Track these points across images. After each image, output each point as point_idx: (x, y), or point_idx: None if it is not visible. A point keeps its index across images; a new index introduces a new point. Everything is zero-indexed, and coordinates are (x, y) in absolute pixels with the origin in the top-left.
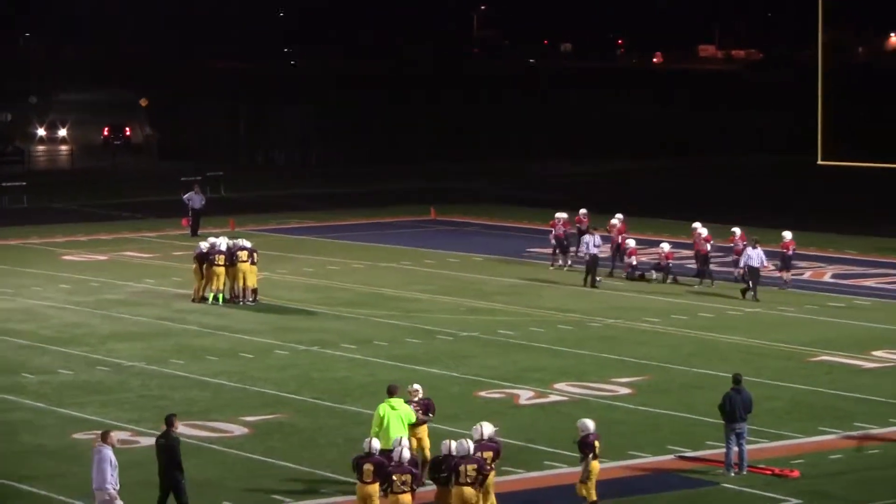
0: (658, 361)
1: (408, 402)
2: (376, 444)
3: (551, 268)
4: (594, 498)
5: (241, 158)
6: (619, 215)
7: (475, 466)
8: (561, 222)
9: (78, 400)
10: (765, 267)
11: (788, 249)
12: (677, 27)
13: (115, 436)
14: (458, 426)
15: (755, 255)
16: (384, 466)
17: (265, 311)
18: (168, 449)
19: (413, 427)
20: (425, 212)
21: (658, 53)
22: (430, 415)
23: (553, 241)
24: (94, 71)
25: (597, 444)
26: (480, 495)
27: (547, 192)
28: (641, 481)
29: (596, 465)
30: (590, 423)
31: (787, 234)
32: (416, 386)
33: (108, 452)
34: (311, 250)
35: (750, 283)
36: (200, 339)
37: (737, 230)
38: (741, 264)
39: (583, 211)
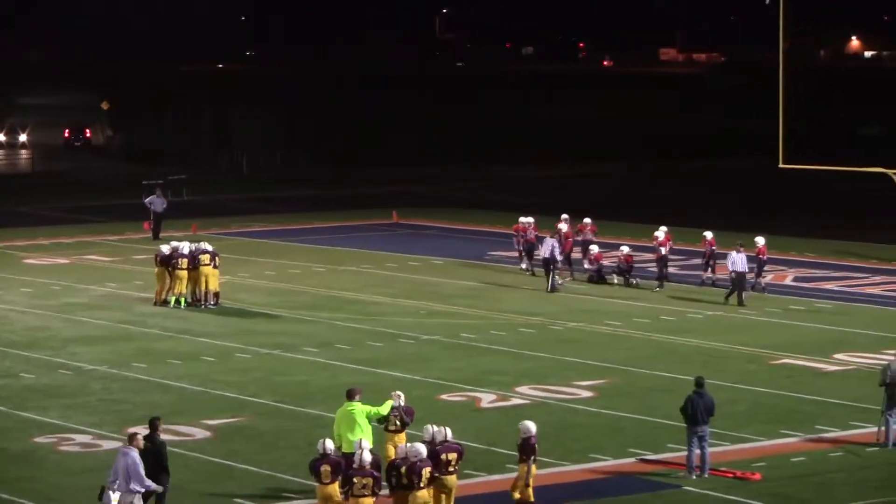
0: (620, 364)
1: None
2: (330, 445)
3: (528, 273)
4: (532, 499)
5: (204, 162)
6: (588, 219)
7: (429, 468)
8: (531, 227)
9: (40, 403)
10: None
11: (763, 255)
12: (639, 30)
13: (142, 439)
14: (421, 429)
15: (739, 260)
16: (341, 466)
17: (227, 314)
18: (154, 453)
19: (392, 433)
20: (387, 215)
21: (607, 56)
22: (409, 420)
23: (519, 246)
24: (55, 75)
25: (536, 446)
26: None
27: (508, 195)
28: (603, 484)
29: (534, 469)
30: (531, 426)
31: (760, 240)
32: (398, 392)
33: (135, 454)
34: (273, 254)
35: (736, 288)
36: (162, 342)
37: (708, 234)
38: (729, 269)
39: (587, 220)
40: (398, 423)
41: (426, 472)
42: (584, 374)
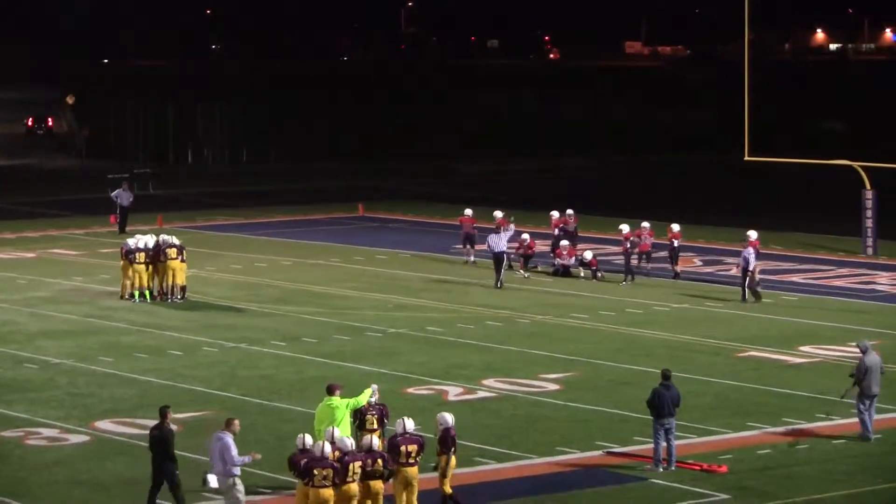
0: (586, 357)
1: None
2: (309, 440)
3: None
4: (450, 491)
5: (170, 156)
6: (554, 212)
7: (360, 463)
8: (469, 217)
9: (5, 398)
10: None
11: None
12: (604, 23)
13: (238, 424)
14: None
15: (751, 256)
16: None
17: (193, 308)
18: (161, 441)
19: (368, 433)
20: (353, 209)
21: (555, 50)
22: (385, 421)
23: (463, 237)
24: (18, 69)
25: (455, 438)
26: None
27: (472, 189)
28: (569, 477)
29: (453, 461)
30: (449, 417)
31: (753, 234)
32: (374, 386)
33: (229, 439)
34: (239, 247)
35: (751, 284)
36: (128, 336)
37: (675, 226)
38: (750, 266)
39: (570, 211)
40: (375, 423)
41: (357, 465)
42: (550, 367)
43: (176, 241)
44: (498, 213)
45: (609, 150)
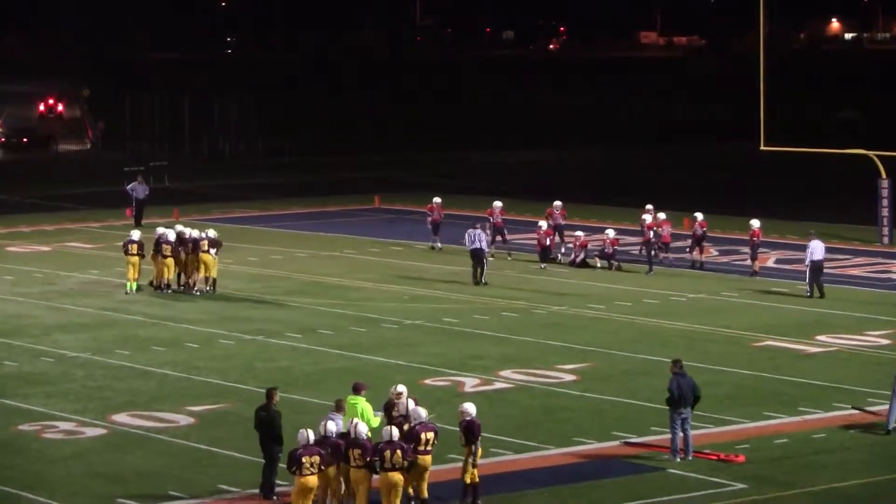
0: (602, 348)
1: (391, 405)
2: (312, 436)
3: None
4: (475, 481)
5: (186, 149)
6: (558, 202)
7: (318, 457)
8: (437, 207)
9: (22, 391)
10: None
11: (757, 238)
12: (619, 14)
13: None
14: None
15: (819, 248)
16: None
17: (210, 300)
18: (268, 422)
19: None
20: (369, 200)
21: (554, 41)
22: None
23: (430, 226)
24: (34, 62)
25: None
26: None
27: (488, 181)
28: (587, 467)
29: (479, 451)
30: (472, 408)
31: (756, 223)
32: (401, 388)
33: (340, 420)
34: (255, 240)
35: (815, 278)
36: (145, 329)
37: (698, 215)
38: (809, 259)
39: (557, 203)
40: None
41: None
42: (566, 357)
43: (212, 234)
44: (497, 204)
45: (627, 140)
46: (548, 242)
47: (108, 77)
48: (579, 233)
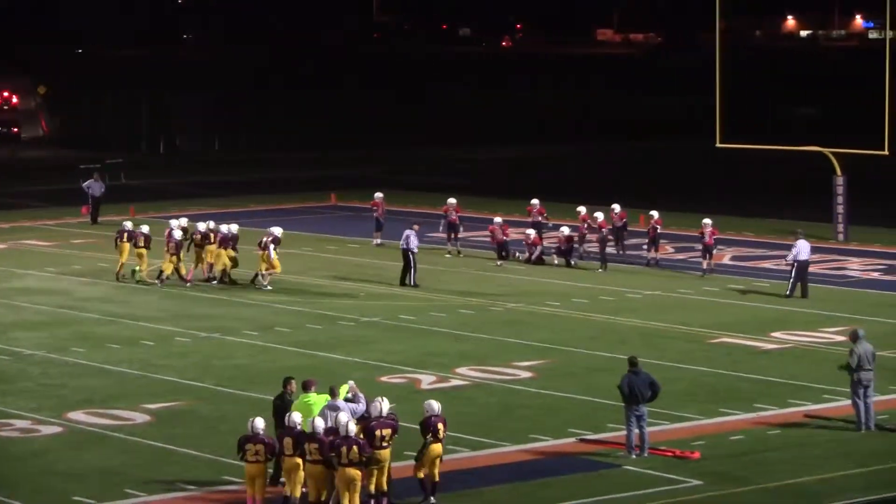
0: (559, 345)
1: (348, 402)
2: (260, 424)
3: (447, 255)
4: (423, 476)
5: (143, 146)
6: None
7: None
8: (380, 201)
9: None
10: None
11: (710, 237)
12: (575, 10)
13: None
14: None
15: (804, 248)
16: (274, 446)
17: (166, 298)
18: (283, 410)
19: None
20: (326, 198)
21: (506, 37)
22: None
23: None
24: None
25: (440, 427)
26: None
27: (445, 177)
28: (543, 464)
29: (436, 448)
30: (435, 405)
31: (708, 222)
32: (351, 383)
33: (342, 403)
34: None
35: (799, 279)
36: (101, 326)
37: (654, 213)
38: (793, 258)
39: (534, 201)
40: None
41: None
42: (523, 354)
43: (223, 228)
44: (452, 200)
45: (585, 138)
46: (507, 239)
47: (68, 74)
48: (531, 231)
